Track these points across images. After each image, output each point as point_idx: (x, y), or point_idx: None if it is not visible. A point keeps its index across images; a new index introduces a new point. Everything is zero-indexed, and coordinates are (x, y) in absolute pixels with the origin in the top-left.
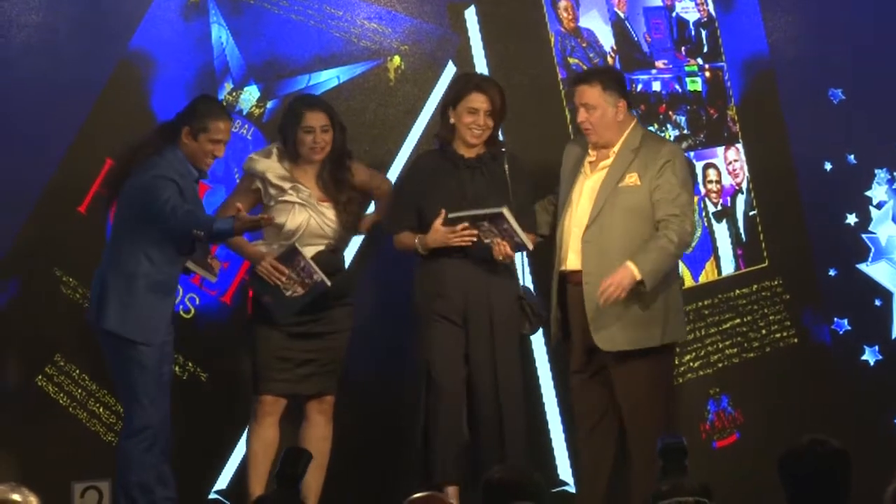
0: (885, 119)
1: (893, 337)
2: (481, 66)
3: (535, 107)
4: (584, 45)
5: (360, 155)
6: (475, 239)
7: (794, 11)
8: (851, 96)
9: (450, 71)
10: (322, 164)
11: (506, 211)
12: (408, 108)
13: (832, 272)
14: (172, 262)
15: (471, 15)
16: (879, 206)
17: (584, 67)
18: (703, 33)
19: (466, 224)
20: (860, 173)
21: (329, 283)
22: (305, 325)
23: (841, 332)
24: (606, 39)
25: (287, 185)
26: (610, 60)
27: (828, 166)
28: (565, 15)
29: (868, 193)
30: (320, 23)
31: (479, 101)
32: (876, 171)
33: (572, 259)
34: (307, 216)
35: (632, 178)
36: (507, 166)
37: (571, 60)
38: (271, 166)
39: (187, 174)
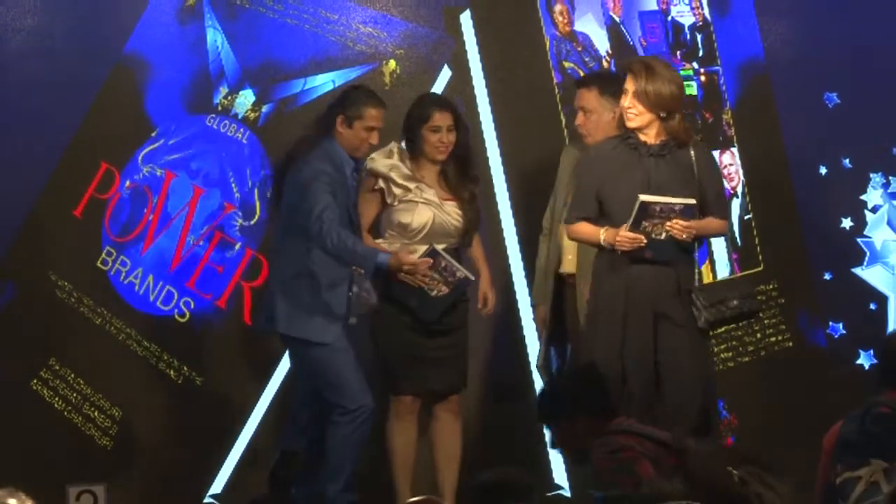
0: (881, 123)
1: None
2: (476, 70)
3: (530, 110)
4: (579, 48)
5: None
6: (643, 245)
7: (790, 15)
8: (847, 100)
9: (445, 74)
10: (445, 163)
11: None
12: (403, 112)
13: (827, 276)
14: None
15: (466, 19)
16: (874, 209)
17: (580, 71)
18: (699, 37)
19: (639, 237)
20: (855, 177)
21: (473, 278)
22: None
23: (836, 336)
24: (602, 43)
25: (412, 185)
26: (605, 64)
27: (823, 170)
28: (560, 19)
29: (863, 197)
30: (315, 27)
31: (627, 82)
32: (871, 174)
33: (570, 261)
34: (431, 215)
35: None
36: (693, 153)
37: (567, 64)
38: (395, 166)
39: (343, 164)
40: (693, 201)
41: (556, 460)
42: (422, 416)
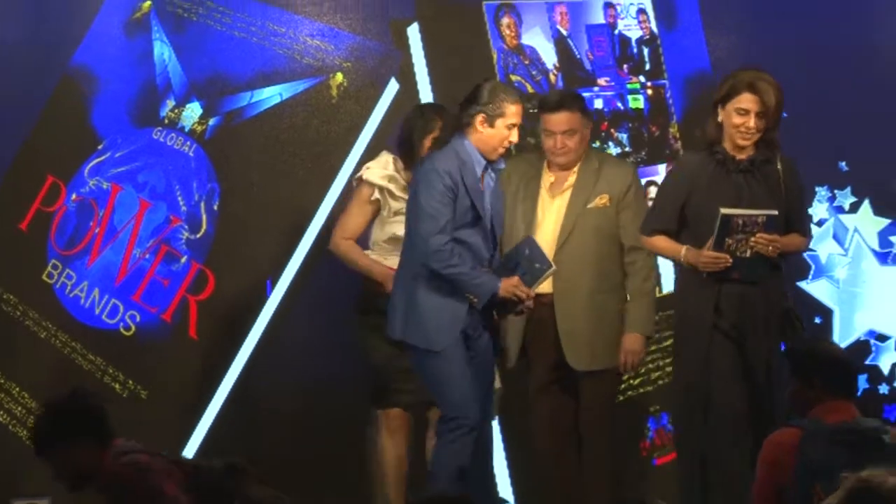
0: (826, 136)
1: None
2: (424, 84)
3: None
4: (526, 62)
5: (302, 171)
6: (728, 265)
7: (737, 29)
8: (793, 113)
9: (392, 88)
10: None
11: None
12: (350, 125)
13: None
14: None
15: (413, 32)
16: (820, 223)
17: (527, 85)
18: (646, 51)
19: (724, 256)
20: None
21: (554, 267)
22: None
23: (782, 350)
24: (549, 57)
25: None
26: (552, 78)
27: None
28: (508, 32)
29: (809, 211)
30: (263, 39)
31: (749, 101)
32: (816, 188)
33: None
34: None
35: (602, 200)
36: (780, 167)
37: (514, 77)
38: (393, 177)
39: (474, 165)
40: (775, 212)
41: (501, 474)
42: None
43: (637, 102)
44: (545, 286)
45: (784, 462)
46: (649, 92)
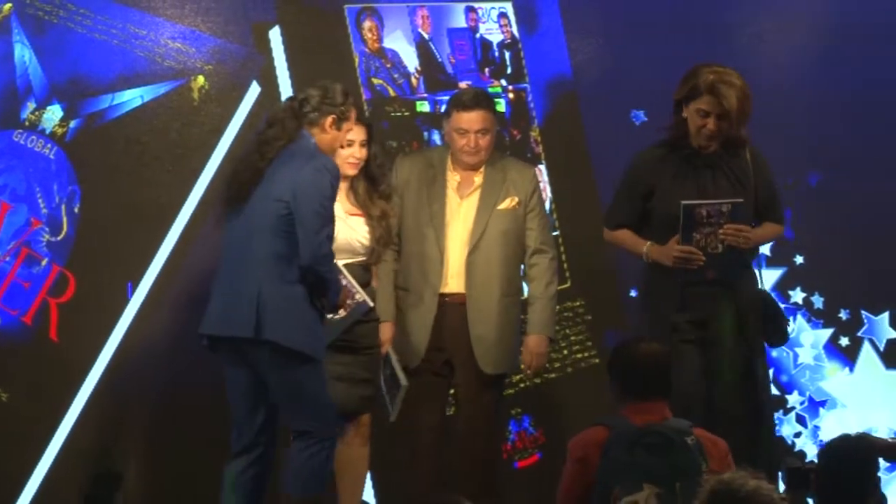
0: None
1: None
2: (286, 87)
3: None
4: (388, 65)
5: (163, 174)
6: (701, 264)
7: (598, 34)
8: (654, 118)
9: (254, 91)
10: (356, 178)
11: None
12: (212, 128)
13: (634, 293)
14: None
15: (275, 35)
16: None
17: (389, 88)
18: (507, 55)
19: (696, 251)
20: None
21: (372, 304)
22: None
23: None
24: (411, 60)
25: None
26: (414, 82)
27: None
28: (370, 35)
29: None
30: (124, 42)
31: (708, 104)
32: None
33: (453, 283)
34: (336, 230)
35: (512, 202)
36: (748, 156)
37: (376, 81)
38: None
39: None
40: (740, 199)
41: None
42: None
43: (499, 106)
44: (456, 287)
45: (591, 460)
46: (511, 96)
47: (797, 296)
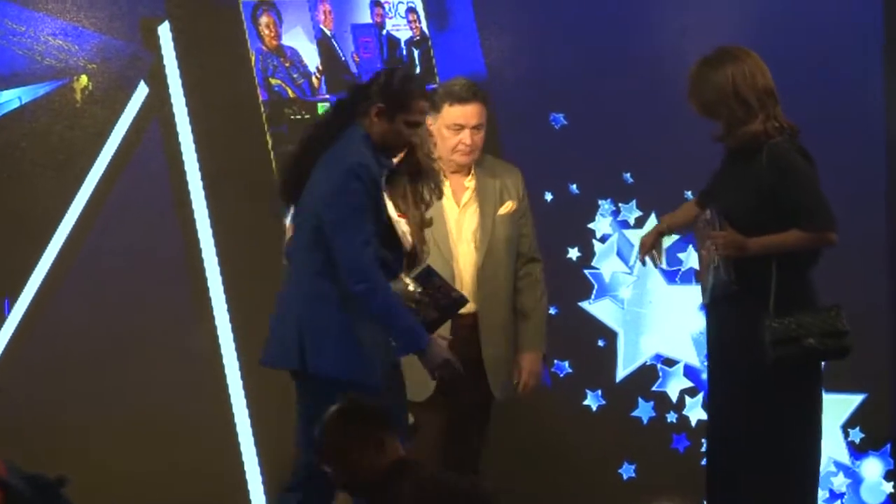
0: (610, 146)
1: (618, 380)
2: (175, 87)
3: (235, 130)
4: (287, 64)
5: (44, 181)
6: None
7: (514, 32)
8: (574, 121)
9: (142, 91)
10: (401, 174)
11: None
12: (97, 131)
13: (552, 311)
14: None
15: (164, 31)
16: (603, 239)
17: (287, 89)
18: (416, 53)
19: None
20: (583, 204)
21: (468, 300)
22: None
23: (562, 376)
24: (311, 59)
25: None
26: (315, 82)
27: (548, 196)
28: (267, 32)
29: (591, 226)
30: (1, 39)
31: None
32: (600, 201)
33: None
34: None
35: (510, 206)
36: (765, 161)
37: (273, 81)
38: None
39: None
40: (715, 207)
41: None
42: None
43: None
44: (468, 306)
45: None
46: None
47: None
